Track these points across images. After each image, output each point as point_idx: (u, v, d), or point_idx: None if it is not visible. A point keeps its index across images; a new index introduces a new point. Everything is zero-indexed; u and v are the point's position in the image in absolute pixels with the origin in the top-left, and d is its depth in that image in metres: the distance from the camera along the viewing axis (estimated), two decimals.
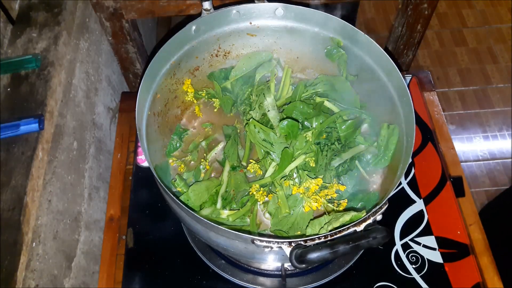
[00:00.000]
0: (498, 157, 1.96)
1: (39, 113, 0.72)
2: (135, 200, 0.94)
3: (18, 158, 0.69)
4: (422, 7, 1.11)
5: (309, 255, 0.49)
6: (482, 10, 2.42)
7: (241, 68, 0.89)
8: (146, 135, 0.74)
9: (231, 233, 0.59)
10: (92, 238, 0.94)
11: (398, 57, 1.28)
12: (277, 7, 0.82)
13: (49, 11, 0.86)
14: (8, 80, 0.77)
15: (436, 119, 1.06)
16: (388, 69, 0.76)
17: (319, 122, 0.81)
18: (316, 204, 0.72)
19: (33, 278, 0.68)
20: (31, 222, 0.66)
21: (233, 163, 0.81)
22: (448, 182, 0.94)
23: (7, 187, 0.66)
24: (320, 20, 0.82)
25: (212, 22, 0.82)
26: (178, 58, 0.82)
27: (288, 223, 0.74)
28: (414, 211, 0.91)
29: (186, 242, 0.87)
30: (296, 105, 0.83)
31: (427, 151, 0.99)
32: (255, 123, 0.79)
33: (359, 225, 0.57)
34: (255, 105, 0.84)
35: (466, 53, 2.27)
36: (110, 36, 1.10)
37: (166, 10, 1.05)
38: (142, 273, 0.85)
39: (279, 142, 0.78)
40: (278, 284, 0.83)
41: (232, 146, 0.83)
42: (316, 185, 0.73)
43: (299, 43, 0.88)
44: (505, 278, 0.86)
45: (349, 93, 0.85)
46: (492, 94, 2.13)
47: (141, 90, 0.72)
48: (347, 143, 0.81)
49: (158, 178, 0.65)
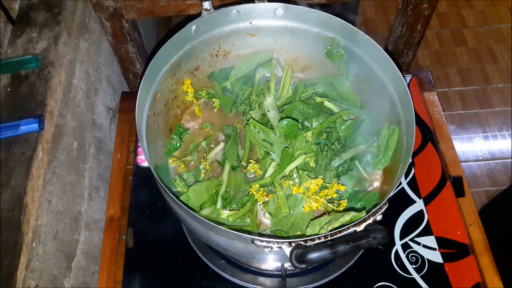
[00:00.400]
0: (498, 157, 1.96)
1: (39, 113, 0.72)
2: (135, 200, 0.94)
3: (18, 158, 0.69)
4: (422, 7, 1.11)
5: (309, 255, 0.49)
6: (482, 10, 2.42)
7: (241, 68, 0.89)
8: (146, 135, 0.74)
9: (231, 233, 0.59)
10: (92, 238, 0.94)
11: (398, 57, 1.28)
12: (277, 7, 0.82)
13: (49, 11, 0.86)
14: (8, 80, 0.77)
15: (436, 119, 1.06)
16: (388, 69, 0.76)
17: (319, 122, 0.81)
18: (316, 204, 0.72)
19: (33, 278, 0.68)
20: (31, 222, 0.66)
21: (233, 163, 0.81)
22: (448, 182, 0.94)
23: (7, 187, 0.66)
24: (320, 20, 0.82)
25: (212, 22, 0.82)
26: (178, 58, 0.82)
27: (288, 223, 0.74)
28: (414, 211, 0.91)
29: (186, 242, 0.87)
30: (296, 105, 0.83)
31: (427, 151, 0.99)
32: (255, 123, 0.79)
33: (359, 225, 0.57)
34: (255, 105, 0.84)
35: (466, 53, 2.27)
36: (110, 36, 1.10)
37: (166, 10, 1.05)
38: (142, 273, 0.85)
39: (279, 142, 0.78)
40: (278, 284, 0.83)
41: (232, 146, 0.83)
42: (316, 185, 0.73)
43: (299, 43, 0.88)
44: (505, 278, 0.86)
45: (349, 93, 0.85)
46: (492, 94, 2.13)
47: (141, 90, 0.72)
48: (347, 143, 0.81)
49: (158, 178, 0.65)
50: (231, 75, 0.89)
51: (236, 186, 0.79)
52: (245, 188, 0.78)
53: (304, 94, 0.87)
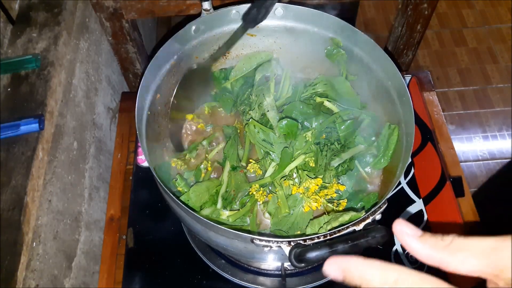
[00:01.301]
0: (498, 157, 1.96)
1: (39, 113, 0.73)
2: (135, 200, 0.94)
3: (18, 158, 0.69)
4: (422, 7, 1.11)
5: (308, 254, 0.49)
6: (482, 10, 2.42)
7: (241, 68, 0.89)
8: (146, 135, 0.74)
9: (231, 233, 0.59)
10: (92, 238, 0.94)
11: (398, 57, 1.28)
12: (277, 7, 0.82)
13: (49, 11, 0.86)
14: (8, 80, 0.77)
15: (436, 119, 1.06)
16: (388, 69, 0.76)
17: (318, 122, 0.81)
18: (315, 204, 0.72)
19: (33, 278, 0.68)
20: (31, 222, 0.66)
21: (233, 163, 0.81)
22: (448, 182, 0.94)
23: (7, 187, 0.66)
24: (320, 20, 0.82)
25: (212, 22, 0.82)
26: (178, 58, 0.82)
27: (288, 223, 0.74)
28: (414, 211, 0.91)
29: (186, 242, 0.88)
30: (296, 105, 0.83)
31: (427, 151, 0.99)
32: (254, 123, 0.79)
33: (358, 225, 0.57)
34: (255, 105, 0.84)
35: (466, 53, 2.27)
36: (110, 36, 1.10)
37: (166, 10, 1.05)
38: (142, 273, 0.85)
39: (278, 142, 0.78)
40: (278, 284, 0.83)
41: (232, 146, 0.83)
42: (316, 185, 0.73)
43: (299, 43, 0.88)
44: None
45: (349, 93, 0.86)
46: (492, 94, 2.13)
47: (141, 90, 0.72)
48: (346, 143, 0.81)
49: (158, 178, 0.65)
50: (231, 75, 0.89)
51: (237, 186, 0.79)
52: (245, 188, 0.78)
53: (304, 94, 0.87)
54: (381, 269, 0.32)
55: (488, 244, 0.31)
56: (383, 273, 0.32)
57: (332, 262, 0.34)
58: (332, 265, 0.34)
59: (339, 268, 0.34)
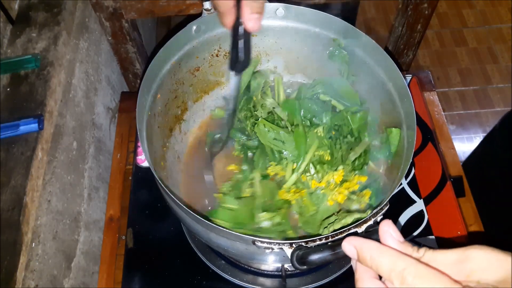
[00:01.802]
0: None
1: (39, 113, 0.72)
2: (134, 200, 0.93)
3: (18, 158, 0.68)
4: (422, 7, 1.11)
5: (310, 256, 0.49)
6: (482, 10, 2.42)
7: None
8: (146, 135, 0.73)
9: (232, 234, 0.59)
10: (92, 238, 0.94)
11: (398, 57, 1.28)
12: (278, 7, 0.82)
13: (48, 11, 0.85)
14: (8, 80, 0.76)
15: (436, 119, 1.06)
16: (389, 69, 0.76)
17: (329, 117, 0.81)
18: (340, 196, 0.71)
19: (33, 278, 0.68)
20: (31, 222, 0.66)
21: (262, 172, 0.79)
22: (448, 182, 0.94)
23: (6, 187, 0.66)
24: (321, 20, 0.82)
25: (212, 22, 0.82)
26: (178, 58, 0.81)
27: (316, 221, 0.73)
28: (414, 211, 0.91)
29: (186, 242, 0.87)
30: (303, 103, 0.82)
31: (427, 151, 0.99)
32: (264, 122, 0.78)
33: (360, 226, 0.57)
34: (258, 107, 0.83)
35: (466, 53, 2.27)
36: (110, 36, 1.10)
37: (166, 10, 1.05)
38: (142, 273, 0.85)
39: (290, 139, 0.77)
40: (278, 285, 0.83)
41: (261, 156, 0.80)
42: (341, 176, 0.72)
43: (300, 44, 0.88)
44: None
45: (348, 92, 0.85)
46: (492, 94, 2.13)
47: (141, 90, 0.72)
48: (360, 135, 0.80)
49: (158, 178, 0.65)
50: None
51: (271, 194, 0.77)
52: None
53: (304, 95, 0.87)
54: (392, 256, 0.36)
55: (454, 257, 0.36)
56: (393, 261, 0.35)
57: (349, 240, 0.39)
58: (350, 243, 0.39)
59: (355, 247, 0.38)
